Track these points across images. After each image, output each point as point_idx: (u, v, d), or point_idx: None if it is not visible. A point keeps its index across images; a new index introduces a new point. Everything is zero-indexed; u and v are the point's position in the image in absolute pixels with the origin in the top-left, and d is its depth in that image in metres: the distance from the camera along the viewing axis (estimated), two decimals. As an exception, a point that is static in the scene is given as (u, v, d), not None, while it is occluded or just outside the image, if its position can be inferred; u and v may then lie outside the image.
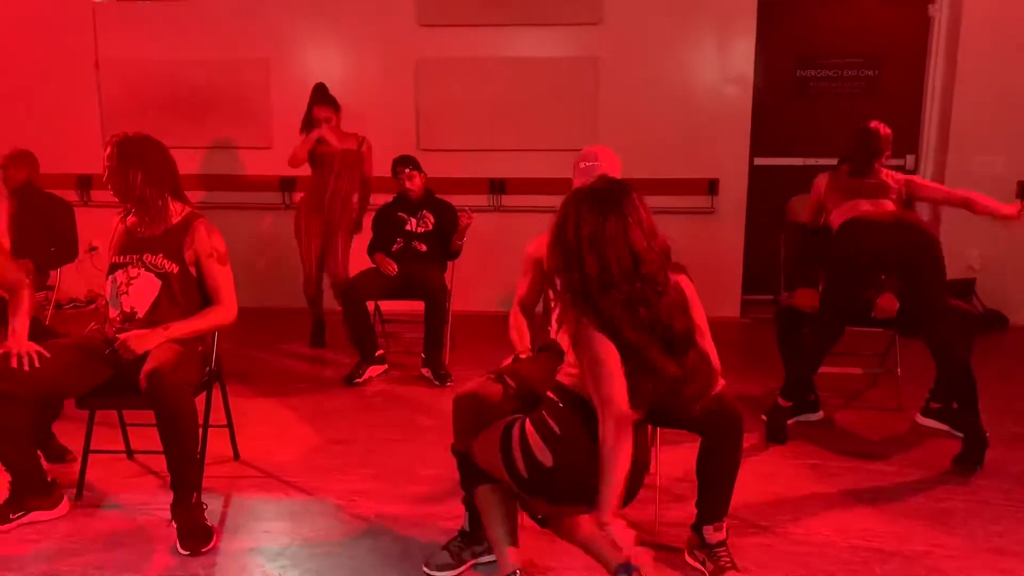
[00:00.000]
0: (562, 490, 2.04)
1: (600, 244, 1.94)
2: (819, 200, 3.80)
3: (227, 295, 2.84)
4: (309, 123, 4.73)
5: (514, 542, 2.20)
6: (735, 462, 2.33)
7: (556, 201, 2.82)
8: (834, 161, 3.97)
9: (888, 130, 3.68)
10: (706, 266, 5.65)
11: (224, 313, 2.83)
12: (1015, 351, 5.07)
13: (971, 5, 5.34)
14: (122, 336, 2.65)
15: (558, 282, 2.04)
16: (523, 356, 2.64)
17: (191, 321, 2.75)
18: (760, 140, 5.72)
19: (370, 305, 4.46)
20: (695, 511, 2.44)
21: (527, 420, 2.06)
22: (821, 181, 3.81)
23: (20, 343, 2.59)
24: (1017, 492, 2.98)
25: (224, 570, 2.45)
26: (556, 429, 2.00)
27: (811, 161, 5.75)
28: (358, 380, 4.27)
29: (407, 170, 4.49)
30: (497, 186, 5.76)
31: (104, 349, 2.73)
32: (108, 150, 2.74)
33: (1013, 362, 4.81)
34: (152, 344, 2.63)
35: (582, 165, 2.67)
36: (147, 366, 2.52)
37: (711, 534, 2.38)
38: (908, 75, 5.74)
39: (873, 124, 3.67)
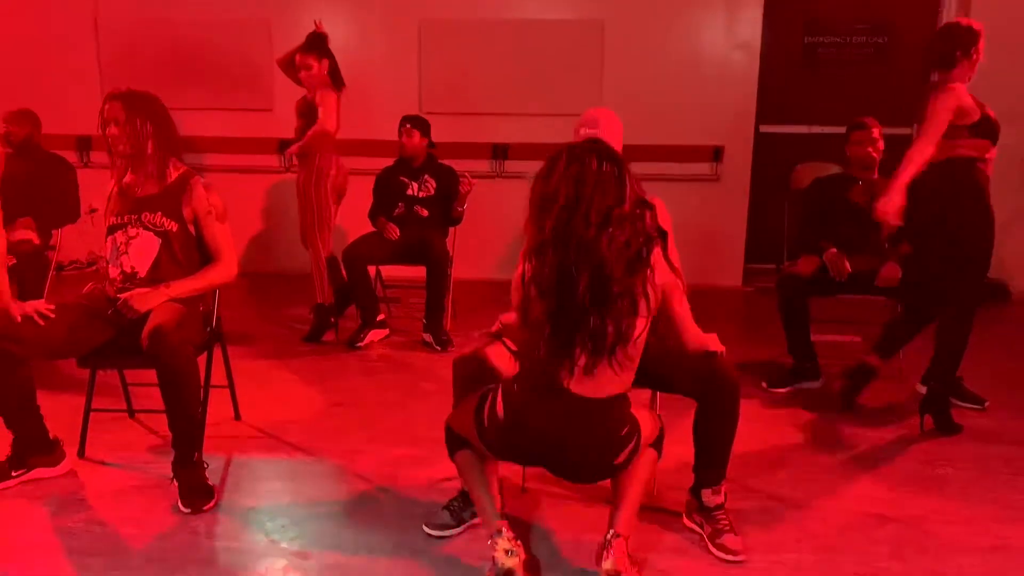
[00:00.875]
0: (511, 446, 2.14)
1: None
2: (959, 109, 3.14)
3: (227, 253, 2.83)
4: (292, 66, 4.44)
5: (495, 502, 2.24)
6: (731, 426, 2.34)
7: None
8: (842, 129, 3.93)
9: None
10: (709, 234, 5.65)
11: (224, 271, 2.82)
12: (1018, 322, 5.07)
13: (983, -30, 5.25)
14: (124, 296, 2.64)
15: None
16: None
17: (192, 280, 2.74)
18: (766, 107, 5.66)
19: (372, 270, 4.45)
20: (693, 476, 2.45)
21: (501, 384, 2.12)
22: (957, 91, 3.14)
23: (23, 303, 2.58)
24: (1017, 461, 2.99)
25: (225, 528, 2.47)
26: (515, 387, 2.08)
27: (816, 129, 5.71)
28: (359, 344, 4.28)
29: (407, 125, 4.46)
30: (500, 151, 5.71)
31: (106, 309, 2.72)
32: (111, 104, 2.70)
33: (1019, 333, 4.81)
34: (154, 303, 2.63)
35: (582, 131, 2.62)
36: (149, 325, 2.51)
37: (709, 497, 2.40)
38: (918, 42, 5.65)
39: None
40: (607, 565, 2.08)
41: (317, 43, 4.36)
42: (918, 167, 3.12)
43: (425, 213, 4.46)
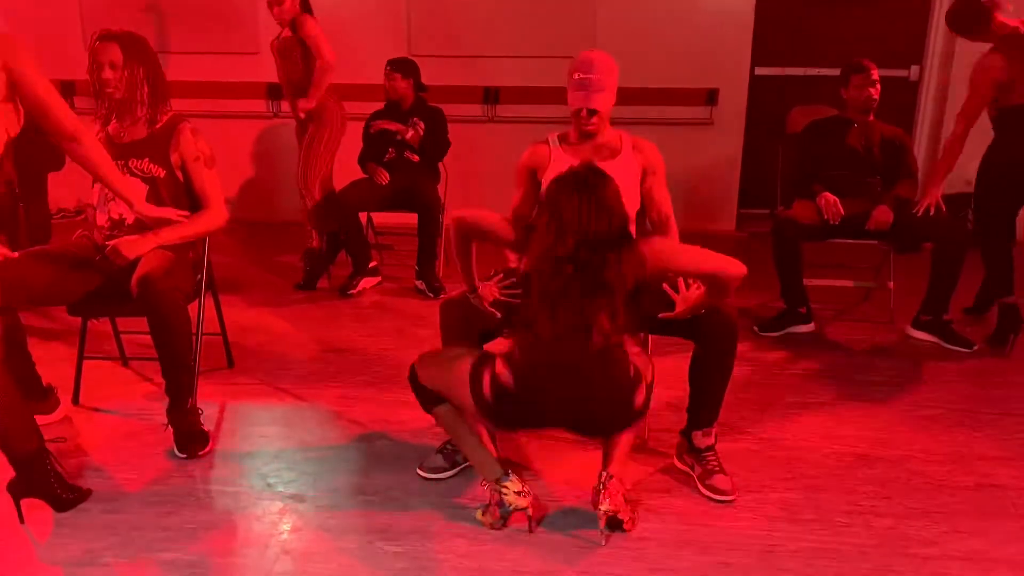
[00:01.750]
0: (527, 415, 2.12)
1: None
2: (999, 81, 3.41)
3: (215, 199, 2.79)
4: None
5: (491, 450, 2.27)
6: (728, 368, 2.35)
7: (553, 111, 2.76)
8: (837, 72, 3.87)
9: None
10: (703, 179, 5.62)
11: (213, 217, 2.79)
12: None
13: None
14: (112, 243, 2.61)
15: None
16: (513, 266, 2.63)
17: (181, 226, 2.71)
18: (762, 49, 5.57)
19: (363, 216, 4.41)
20: (685, 417, 2.48)
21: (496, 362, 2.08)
22: (994, 61, 3.43)
23: None
24: (1002, 402, 3.03)
25: (221, 472, 2.50)
26: (519, 357, 2.04)
27: (813, 71, 5.62)
28: (352, 292, 4.27)
29: (388, 69, 4.39)
30: (491, 95, 5.62)
31: (94, 256, 2.70)
32: (107, 45, 2.61)
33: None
34: (143, 250, 2.60)
35: (576, 76, 2.56)
36: (138, 272, 2.49)
37: (700, 439, 2.43)
38: (910, 10, 5.54)
39: None
40: (604, 506, 2.11)
41: None
42: (956, 156, 3.49)
43: (416, 158, 4.41)
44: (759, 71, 5.64)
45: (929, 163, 5.39)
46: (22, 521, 2.19)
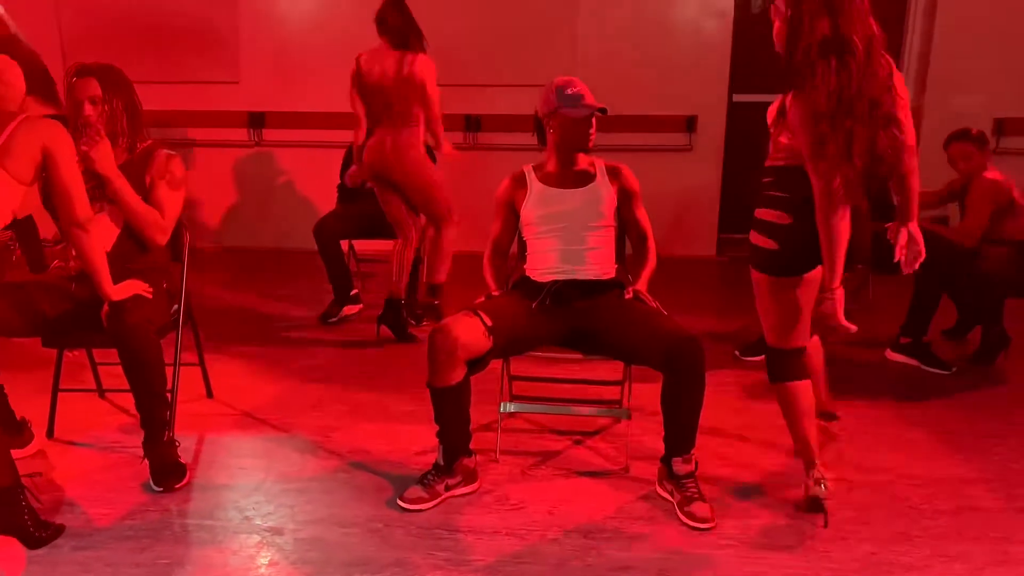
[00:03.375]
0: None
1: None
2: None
3: (169, 217, 2.73)
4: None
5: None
6: (698, 397, 2.36)
7: (533, 139, 2.78)
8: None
9: None
10: (683, 204, 5.65)
11: (161, 226, 2.71)
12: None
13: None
14: (83, 148, 2.54)
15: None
16: (495, 294, 2.63)
17: (135, 197, 2.65)
18: (740, 76, 5.64)
19: (344, 244, 4.41)
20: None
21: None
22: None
23: None
24: (981, 424, 3.05)
25: (198, 506, 2.46)
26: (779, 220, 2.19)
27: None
28: (333, 319, 4.25)
29: None
30: (473, 123, 5.66)
31: (69, 285, 2.66)
32: (86, 81, 2.61)
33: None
34: (110, 162, 2.57)
35: (569, 92, 2.59)
36: (107, 305, 2.46)
37: (679, 466, 2.42)
38: (888, 11, 5.65)
39: None
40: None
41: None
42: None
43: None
44: (737, 98, 5.72)
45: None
46: (-8, 558, 2.15)
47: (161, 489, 2.51)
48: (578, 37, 5.49)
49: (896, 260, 2.38)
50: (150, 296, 2.58)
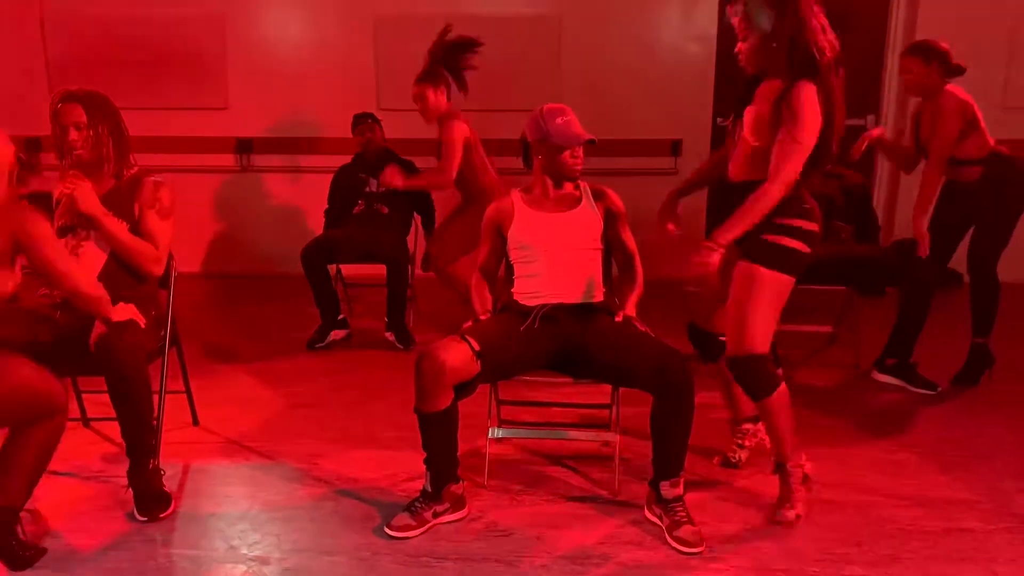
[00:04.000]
0: None
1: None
2: (964, 116, 3.52)
3: (162, 247, 2.74)
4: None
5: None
6: (686, 421, 2.36)
7: (519, 163, 2.81)
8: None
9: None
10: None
11: (154, 257, 2.72)
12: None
13: (932, -38, 5.35)
14: (68, 191, 2.56)
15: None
16: (483, 318, 2.63)
17: (125, 231, 2.65)
18: (724, 99, 5.70)
19: (332, 269, 4.40)
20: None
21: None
22: (951, 100, 3.54)
23: None
24: (968, 443, 3.06)
25: (183, 535, 2.43)
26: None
27: (773, 121, 5.75)
28: (320, 344, 4.23)
29: (369, 121, 4.52)
30: (459, 147, 5.66)
31: (53, 313, 2.64)
32: (71, 107, 2.61)
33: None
34: (94, 202, 2.57)
35: (558, 121, 2.61)
36: (96, 332, 2.45)
37: (667, 490, 2.41)
38: (870, 34, 5.75)
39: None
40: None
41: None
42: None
43: (385, 210, 4.43)
44: (721, 121, 5.77)
45: (888, 209, 5.53)
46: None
47: (146, 518, 2.48)
48: (563, 61, 5.54)
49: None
50: (143, 324, 2.57)
